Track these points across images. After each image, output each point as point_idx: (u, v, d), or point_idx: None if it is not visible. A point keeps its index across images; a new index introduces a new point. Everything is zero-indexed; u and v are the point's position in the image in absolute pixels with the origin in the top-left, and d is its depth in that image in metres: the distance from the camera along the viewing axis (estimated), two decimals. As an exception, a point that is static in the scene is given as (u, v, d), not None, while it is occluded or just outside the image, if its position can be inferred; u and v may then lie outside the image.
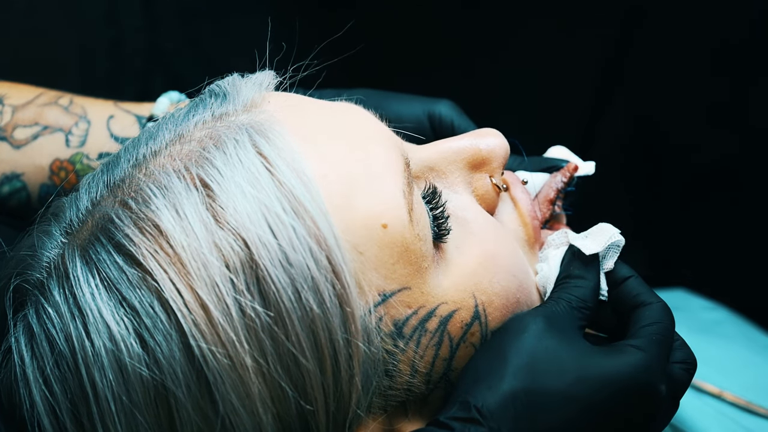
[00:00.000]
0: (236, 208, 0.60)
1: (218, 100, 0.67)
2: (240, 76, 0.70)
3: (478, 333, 0.66)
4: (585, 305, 0.67)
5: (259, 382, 0.59)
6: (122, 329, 0.59)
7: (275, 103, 0.67)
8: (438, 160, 0.71)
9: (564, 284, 0.69)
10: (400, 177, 0.65)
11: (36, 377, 0.61)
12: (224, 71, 0.71)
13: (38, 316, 0.62)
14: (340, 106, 0.70)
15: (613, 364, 0.63)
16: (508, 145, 0.73)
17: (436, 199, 0.67)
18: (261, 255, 0.59)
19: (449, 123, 0.86)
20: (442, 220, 0.67)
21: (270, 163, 0.62)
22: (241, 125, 0.64)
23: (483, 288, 0.66)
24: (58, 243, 0.65)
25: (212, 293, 0.59)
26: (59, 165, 0.86)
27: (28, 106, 0.88)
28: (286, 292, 0.59)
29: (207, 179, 0.61)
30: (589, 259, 0.70)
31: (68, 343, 0.60)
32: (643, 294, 0.68)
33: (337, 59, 0.76)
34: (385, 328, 0.63)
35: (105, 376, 0.59)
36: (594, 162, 0.80)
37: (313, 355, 0.60)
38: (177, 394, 0.59)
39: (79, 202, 0.66)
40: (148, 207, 0.61)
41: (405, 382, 0.64)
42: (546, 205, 0.77)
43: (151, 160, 0.64)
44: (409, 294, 0.64)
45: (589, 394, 0.62)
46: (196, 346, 0.58)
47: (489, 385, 0.61)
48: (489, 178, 0.72)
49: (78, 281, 0.61)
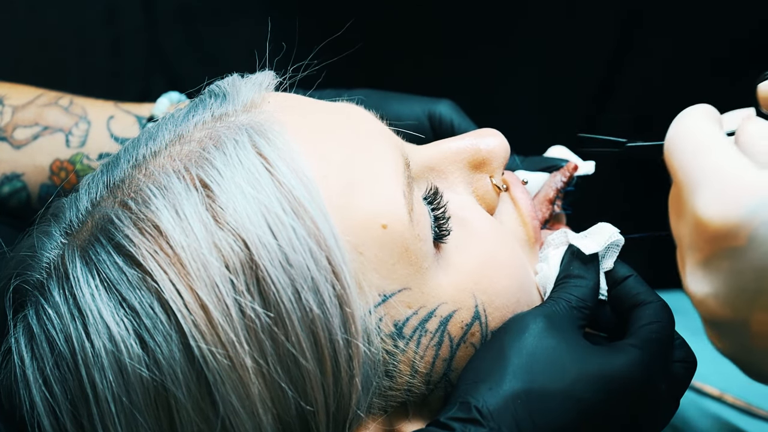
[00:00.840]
0: (236, 209, 0.60)
1: (218, 101, 0.67)
2: (240, 76, 0.70)
3: (478, 333, 0.66)
4: (585, 305, 0.67)
5: (259, 383, 0.59)
6: (122, 330, 0.59)
7: (275, 103, 0.67)
8: (438, 160, 0.71)
9: (564, 284, 0.69)
10: (400, 177, 0.65)
11: (36, 378, 0.61)
12: (224, 71, 0.71)
13: (38, 316, 0.62)
14: (339, 106, 0.70)
15: (613, 364, 0.63)
16: (508, 145, 0.73)
17: (438, 199, 0.67)
18: (261, 255, 0.59)
19: (449, 123, 0.86)
20: (443, 220, 0.67)
21: (270, 163, 0.62)
22: (241, 125, 0.64)
23: (483, 288, 0.66)
24: (57, 243, 0.65)
25: (212, 294, 0.59)
26: (59, 165, 0.86)
27: (28, 106, 0.88)
28: (286, 292, 0.59)
29: (207, 180, 0.61)
30: (589, 258, 0.70)
31: (68, 344, 0.60)
32: (643, 293, 0.68)
33: (336, 58, 0.76)
34: (385, 329, 0.63)
35: (105, 377, 0.59)
36: (594, 161, 0.80)
37: (313, 356, 0.60)
38: (177, 395, 0.59)
39: (78, 203, 0.66)
40: (148, 207, 0.61)
41: (405, 382, 0.64)
42: (546, 205, 0.77)
43: (151, 161, 0.64)
44: (409, 294, 0.64)
45: (589, 394, 0.62)
46: (196, 347, 0.58)
47: (489, 385, 0.61)
48: (489, 179, 0.72)
49: (78, 282, 0.61)
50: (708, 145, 0.55)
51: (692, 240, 0.54)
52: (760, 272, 0.50)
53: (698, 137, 0.56)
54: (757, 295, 0.51)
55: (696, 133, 0.57)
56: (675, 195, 0.57)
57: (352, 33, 0.84)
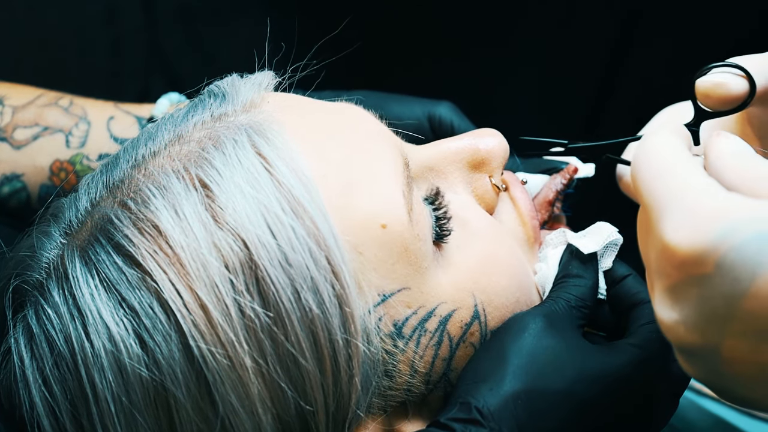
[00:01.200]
0: (235, 209, 0.60)
1: (217, 101, 0.67)
2: (239, 76, 0.70)
3: (477, 333, 0.66)
4: (584, 304, 0.67)
5: (259, 383, 0.59)
6: (122, 330, 0.59)
7: (274, 103, 0.67)
8: (438, 160, 0.71)
9: (563, 283, 0.69)
10: (399, 177, 0.65)
11: (35, 378, 0.61)
12: (224, 71, 0.71)
13: (38, 316, 0.62)
14: (339, 106, 0.70)
15: (612, 363, 0.63)
16: (507, 145, 0.73)
17: (440, 200, 0.67)
18: (260, 255, 0.59)
19: (449, 125, 0.86)
20: (444, 221, 0.67)
21: (269, 163, 0.62)
22: (240, 125, 0.64)
23: (482, 287, 0.66)
24: (57, 244, 0.65)
25: (211, 294, 0.59)
26: (59, 166, 0.86)
27: (28, 106, 0.88)
28: (285, 292, 0.59)
29: (206, 179, 0.61)
30: (588, 258, 0.70)
31: (68, 344, 0.60)
32: (642, 292, 0.68)
33: (335, 57, 0.76)
34: (385, 329, 0.63)
35: (104, 377, 0.59)
36: (594, 164, 0.80)
37: (312, 356, 0.60)
38: (177, 395, 0.59)
39: (78, 203, 0.66)
40: (147, 207, 0.61)
41: (404, 382, 0.64)
42: (545, 206, 0.77)
43: (151, 161, 0.64)
44: (408, 294, 0.64)
45: (589, 393, 0.62)
46: (196, 347, 0.58)
47: (490, 385, 0.61)
48: (488, 178, 0.72)
49: (77, 282, 0.61)
50: (674, 167, 0.53)
51: (659, 266, 0.52)
52: (729, 299, 0.48)
53: (664, 158, 0.54)
54: (726, 322, 0.49)
55: (662, 153, 0.54)
56: (643, 218, 0.55)
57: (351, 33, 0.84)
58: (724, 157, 0.54)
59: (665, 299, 0.52)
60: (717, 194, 0.50)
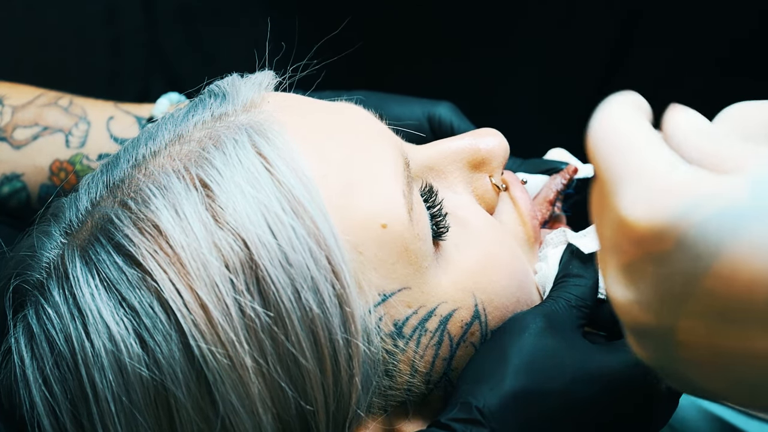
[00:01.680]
0: (236, 208, 0.60)
1: (217, 101, 0.67)
2: (239, 76, 0.70)
3: (478, 332, 0.66)
4: (584, 304, 0.67)
5: (259, 383, 0.59)
6: (122, 329, 0.59)
7: (274, 103, 0.67)
8: (437, 159, 0.71)
9: (563, 283, 0.69)
10: (399, 177, 0.65)
11: (36, 378, 0.61)
12: (224, 71, 0.72)
13: (38, 316, 0.62)
14: (339, 105, 0.70)
15: (612, 363, 0.63)
16: (507, 144, 0.73)
17: (433, 197, 0.67)
18: (261, 255, 0.59)
19: (449, 125, 0.86)
20: (439, 218, 0.67)
21: (269, 163, 0.62)
22: (241, 125, 0.64)
23: (483, 287, 0.67)
24: (57, 243, 0.65)
25: (212, 293, 0.59)
26: (59, 166, 0.86)
27: (27, 106, 0.88)
28: (285, 292, 0.59)
29: (206, 179, 0.61)
30: (588, 257, 0.70)
31: (68, 344, 0.60)
32: None
33: (335, 57, 0.76)
34: (385, 328, 0.63)
35: (105, 377, 0.59)
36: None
37: (312, 356, 0.60)
38: (177, 395, 0.59)
39: (78, 203, 0.66)
40: (148, 207, 0.61)
41: (405, 381, 0.65)
42: (545, 206, 0.77)
43: (151, 161, 0.64)
44: (409, 293, 0.64)
45: (589, 393, 0.62)
46: (196, 347, 0.58)
47: (490, 385, 0.61)
48: (488, 178, 0.72)
49: (78, 282, 0.61)
50: (633, 138, 0.50)
51: (615, 242, 0.49)
52: (688, 278, 0.45)
53: (622, 129, 0.50)
54: (684, 301, 0.46)
55: (620, 124, 0.51)
56: (598, 191, 0.52)
57: (351, 33, 0.84)
58: (683, 130, 0.50)
59: (620, 277, 0.49)
60: (678, 168, 0.47)
